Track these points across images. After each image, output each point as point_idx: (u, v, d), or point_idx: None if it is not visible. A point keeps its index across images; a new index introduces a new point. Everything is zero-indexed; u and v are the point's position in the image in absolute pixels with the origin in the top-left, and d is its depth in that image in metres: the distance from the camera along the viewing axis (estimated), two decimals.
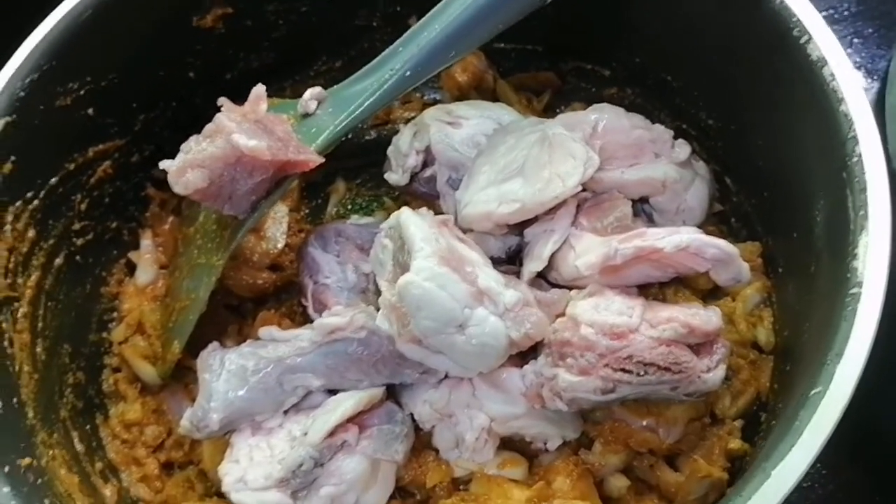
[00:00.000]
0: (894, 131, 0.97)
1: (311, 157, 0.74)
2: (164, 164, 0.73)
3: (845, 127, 0.61)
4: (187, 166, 0.70)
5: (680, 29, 0.82)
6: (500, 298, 0.67)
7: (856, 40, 1.11)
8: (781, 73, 0.69)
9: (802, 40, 0.66)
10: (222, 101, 0.74)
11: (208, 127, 0.72)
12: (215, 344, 0.79)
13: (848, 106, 0.62)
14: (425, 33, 0.77)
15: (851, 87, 0.62)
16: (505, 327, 0.67)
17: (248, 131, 0.70)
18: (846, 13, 1.13)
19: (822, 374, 0.53)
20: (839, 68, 0.63)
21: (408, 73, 0.77)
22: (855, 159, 0.60)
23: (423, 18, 0.78)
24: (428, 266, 0.66)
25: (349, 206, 1.02)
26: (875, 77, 1.08)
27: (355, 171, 1.03)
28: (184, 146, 0.73)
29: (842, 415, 0.52)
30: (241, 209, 0.74)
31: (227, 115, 0.71)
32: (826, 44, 0.65)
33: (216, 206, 0.73)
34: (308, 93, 0.81)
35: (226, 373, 0.74)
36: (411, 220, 0.71)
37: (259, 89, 0.74)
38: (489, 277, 0.68)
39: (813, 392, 0.52)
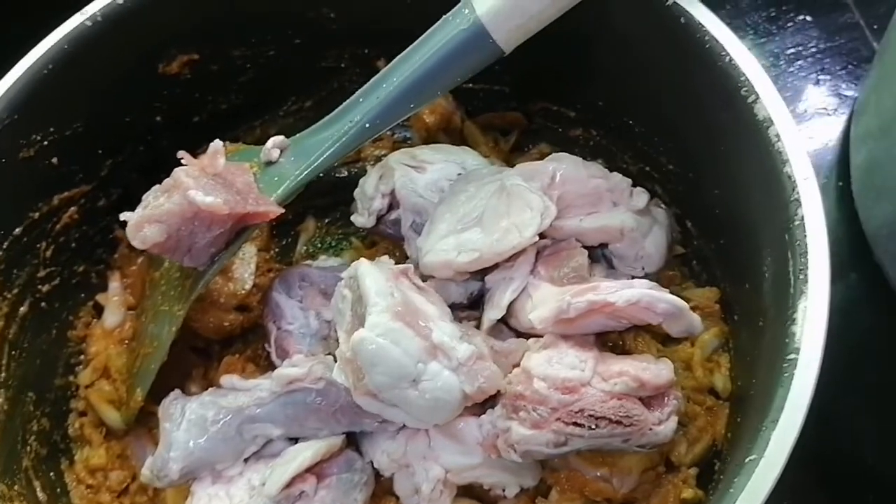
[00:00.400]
0: (856, 167, 0.99)
1: (271, 209, 0.75)
2: (124, 216, 0.74)
3: (788, 188, 0.62)
4: (144, 221, 0.71)
5: (637, 76, 0.83)
6: (454, 353, 0.68)
7: (822, 77, 1.12)
8: (730, 129, 0.70)
9: (750, 100, 0.67)
10: (182, 154, 0.75)
11: (166, 182, 0.73)
12: (177, 392, 0.79)
13: (792, 168, 0.63)
14: (384, 85, 0.78)
15: (796, 150, 0.63)
16: (459, 381, 0.68)
17: (205, 187, 0.71)
18: (814, 49, 1.14)
19: (757, 440, 0.54)
20: (785, 130, 0.64)
21: (367, 125, 0.78)
22: (797, 222, 0.61)
23: (383, 70, 0.79)
24: (382, 322, 0.67)
25: (319, 245, 1.03)
26: (841, 114, 1.09)
27: (325, 209, 1.04)
28: (143, 198, 0.74)
29: (776, 481, 0.52)
30: (200, 261, 0.75)
31: (186, 171, 0.72)
32: (773, 104, 0.66)
33: (175, 258, 0.74)
34: (270, 141, 0.82)
35: (186, 422, 0.75)
36: (368, 273, 0.72)
37: (216, 145, 0.75)
38: (444, 332, 0.69)
39: (748, 459, 0.53)
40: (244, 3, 0.88)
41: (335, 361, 0.73)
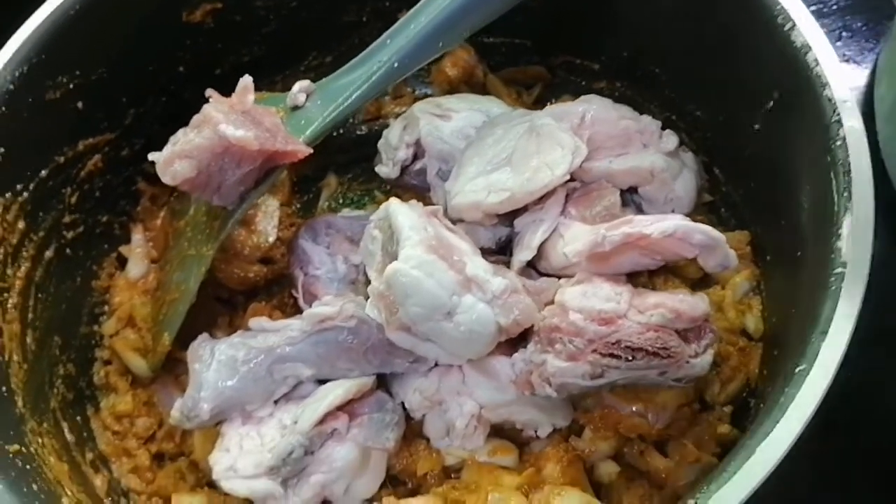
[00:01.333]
0: (882, 121, 0.98)
1: (300, 148, 0.75)
2: (152, 156, 0.73)
3: (829, 111, 0.62)
4: (175, 157, 0.70)
5: (666, 21, 0.83)
6: (488, 286, 0.67)
7: (844, 34, 1.11)
8: (767, 60, 0.70)
9: (787, 27, 0.66)
10: (210, 92, 0.75)
11: (196, 118, 0.72)
12: (205, 335, 0.79)
13: (832, 90, 0.62)
14: (413, 25, 0.77)
15: (835, 73, 0.63)
16: (493, 314, 0.68)
17: (235, 122, 0.70)
18: (834, 7, 1.14)
19: (806, 352, 0.53)
20: (822, 54, 0.64)
21: (395, 64, 0.77)
22: (839, 142, 0.60)
23: (411, 10, 0.78)
24: (416, 254, 0.67)
25: (340, 201, 1.02)
26: (864, 69, 1.08)
27: (346, 166, 1.04)
28: (172, 138, 0.73)
29: (826, 391, 0.52)
30: (229, 199, 0.74)
31: (215, 106, 0.71)
32: (809, 30, 0.65)
33: (205, 196, 0.74)
34: (297, 85, 0.81)
35: (216, 363, 0.74)
36: (400, 210, 0.71)
37: (246, 80, 0.75)
38: (477, 266, 0.68)
39: (798, 369, 0.53)
40: None
41: (366, 301, 0.72)
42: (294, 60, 1.01)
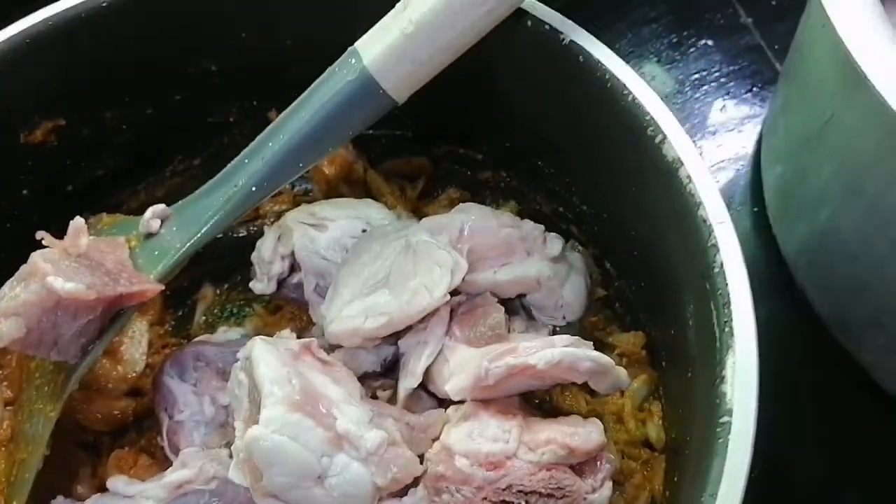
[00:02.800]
0: (770, 191, 0.97)
1: (147, 287, 0.68)
2: None
3: (705, 233, 0.58)
4: (0, 315, 0.62)
5: (541, 117, 0.79)
6: (362, 442, 0.61)
7: (729, 101, 1.11)
8: (640, 169, 0.66)
9: (657, 139, 0.63)
10: (41, 234, 0.67)
11: (23, 269, 0.64)
12: (59, 500, 0.71)
13: (706, 211, 0.59)
14: (270, 144, 0.71)
15: (709, 191, 0.59)
16: (369, 473, 0.61)
17: (66, 271, 0.63)
18: (717, 73, 1.13)
19: None
20: (696, 170, 0.61)
21: (253, 188, 0.71)
22: (717, 269, 0.57)
23: (269, 127, 0.73)
24: (277, 415, 0.60)
25: (219, 314, 0.95)
26: (750, 136, 1.08)
27: (224, 274, 0.96)
28: None
29: None
30: (69, 354, 0.66)
31: (43, 254, 0.64)
32: (680, 143, 0.62)
33: (40, 353, 0.66)
34: (149, 211, 0.75)
35: None
36: (262, 359, 0.64)
37: (77, 223, 0.67)
38: (349, 419, 0.62)
39: None
40: (112, 62, 0.80)
41: (230, 456, 0.65)
42: (157, 167, 0.94)
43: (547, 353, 0.65)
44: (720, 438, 0.51)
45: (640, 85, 0.65)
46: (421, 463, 0.66)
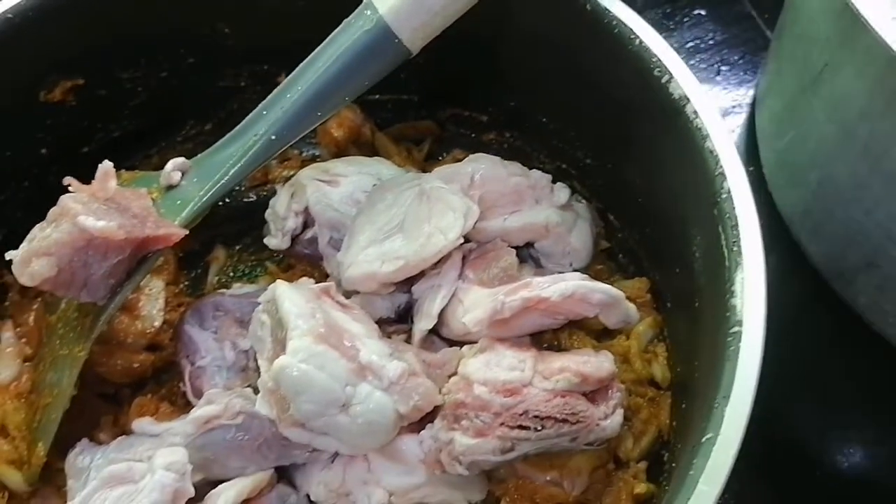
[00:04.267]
0: (766, 151, 1.01)
1: (172, 231, 0.70)
2: (9, 255, 0.67)
3: (712, 163, 0.61)
4: (32, 255, 0.64)
5: (548, 72, 0.82)
6: (384, 372, 0.64)
7: (723, 67, 1.14)
8: (647, 112, 0.69)
9: (664, 80, 0.66)
10: (69, 180, 0.69)
11: (53, 210, 0.66)
12: (84, 442, 0.72)
13: (713, 142, 0.62)
14: (288, 95, 0.74)
15: (715, 124, 0.63)
16: (392, 401, 0.64)
17: (96, 212, 0.65)
18: (711, 42, 1.17)
19: (711, 418, 0.52)
20: (701, 105, 0.64)
21: (273, 137, 0.74)
22: (724, 195, 0.60)
23: (287, 79, 0.75)
24: (304, 346, 0.62)
25: (231, 274, 0.97)
26: (745, 102, 1.11)
27: (235, 237, 0.98)
28: (29, 234, 0.67)
29: (735, 459, 0.50)
30: (98, 295, 0.68)
31: (74, 197, 0.66)
32: (687, 82, 0.65)
33: (70, 294, 0.67)
34: (170, 163, 0.77)
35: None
36: (286, 296, 0.67)
37: (106, 165, 0.69)
38: (371, 350, 0.65)
39: (704, 439, 0.51)
40: (130, 22, 0.83)
41: (255, 394, 0.68)
42: (170, 131, 0.96)
43: (560, 285, 0.68)
44: (731, 346, 0.54)
45: (646, 29, 0.68)
46: None
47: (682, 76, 0.66)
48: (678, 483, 0.52)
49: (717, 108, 0.62)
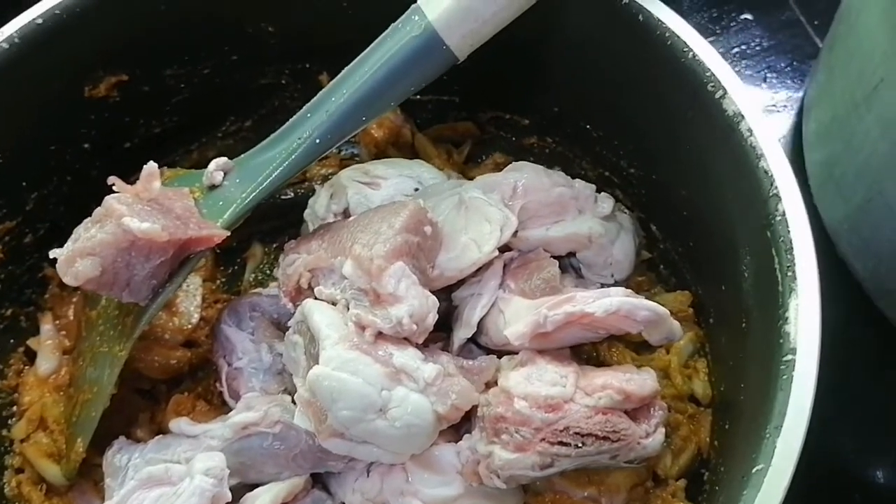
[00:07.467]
0: (812, 162, 0.99)
1: (215, 232, 0.70)
2: (53, 253, 0.67)
3: (766, 184, 0.60)
4: (76, 255, 0.64)
5: (594, 79, 0.81)
6: (419, 374, 0.63)
7: (769, 75, 1.12)
8: (699, 127, 0.68)
9: (717, 95, 0.65)
10: (113, 180, 0.69)
11: (98, 211, 0.66)
12: (122, 440, 0.73)
13: (768, 162, 0.60)
14: (333, 98, 0.73)
15: (770, 143, 0.61)
16: (429, 403, 0.64)
17: (140, 213, 0.65)
18: (758, 48, 1.14)
19: (762, 449, 0.51)
20: (756, 123, 0.62)
21: (317, 140, 0.73)
22: (779, 217, 0.58)
23: (332, 82, 0.74)
24: (337, 354, 0.62)
25: (267, 272, 0.97)
26: (791, 109, 1.09)
27: (272, 234, 0.99)
28: (73, 233, 0.67)
29: (786, 491, 0.49)
30: (141, 296, 0.68)
31: (118, 197, 0.66)
32: (741, 98, 0.64)
33: (113, 293, 0.68)
34: (213, 163, 0.76)
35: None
36: (315, 309, 0.66)
37: (151, 167, 0.69)
38: (405, 354, 0.64)
39: (755, 469, 0.50)
40: (175, 19, 0.82)
41: (293, 402, 0.67)
42: (210, 127, 0.96)
43: (605, 301, 0.67)
44: (783, 375, 0.53)
45: (700, 42, 0.67)
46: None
47: (736, 92, 0.64)
48: None
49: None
